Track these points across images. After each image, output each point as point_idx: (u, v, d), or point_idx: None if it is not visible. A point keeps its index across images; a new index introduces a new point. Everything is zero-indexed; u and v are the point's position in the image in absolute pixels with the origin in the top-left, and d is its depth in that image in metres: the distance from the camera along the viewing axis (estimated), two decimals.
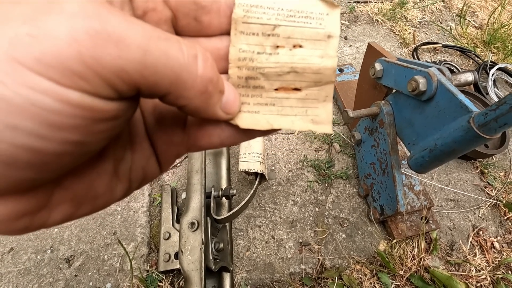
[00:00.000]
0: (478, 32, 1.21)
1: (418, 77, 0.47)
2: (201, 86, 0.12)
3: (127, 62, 0.10)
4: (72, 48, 0.09)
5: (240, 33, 0.15)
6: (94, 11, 0.10)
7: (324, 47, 0.16)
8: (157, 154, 0.18)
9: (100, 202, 0.15)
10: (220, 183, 0.74)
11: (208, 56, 0.13)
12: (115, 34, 0.10)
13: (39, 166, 0.10)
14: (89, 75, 0.10)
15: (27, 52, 0.09)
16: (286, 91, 0.16)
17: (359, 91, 0.74)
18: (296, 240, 0.68)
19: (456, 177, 0.81)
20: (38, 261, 0.63)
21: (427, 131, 0.49)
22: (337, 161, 0.82)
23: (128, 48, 0.10)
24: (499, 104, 0.36)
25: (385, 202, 0.64)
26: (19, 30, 0.09)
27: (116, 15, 0.10)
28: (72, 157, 0.11)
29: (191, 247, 0.55)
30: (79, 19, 0.09)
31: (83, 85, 0.10)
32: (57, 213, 0.13)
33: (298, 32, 0.15)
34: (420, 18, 1.28)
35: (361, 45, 1.14)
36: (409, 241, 0.68)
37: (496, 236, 0.72)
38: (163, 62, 0.11)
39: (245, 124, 0.16)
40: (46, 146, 0.10)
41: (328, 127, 0.17)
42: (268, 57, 0.15)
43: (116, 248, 0.65)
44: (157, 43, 0.11)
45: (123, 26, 0.10)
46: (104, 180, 0.15)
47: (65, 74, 0.09)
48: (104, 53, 0.10)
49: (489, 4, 1.37)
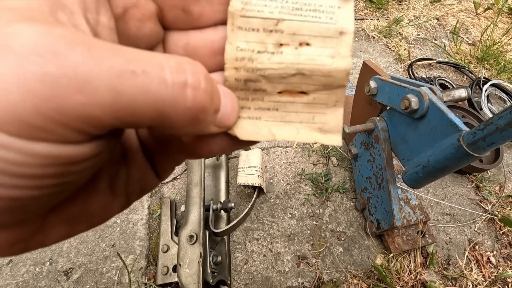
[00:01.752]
0: (471, 49, 1.24)
1: (411, 96, 0.49)
2: (191, 117, 0.11)
3: (95, 107, 0.09)
4: (27, 101, 0.08)
5: (238, 29, 0.13)
6: (49, 48, 0.08)
7: (336, 45, 0.13)
8: (154, 165, 0.17)
9: (96, 219, 0.15)
10: (219, 196, 0.75)
11: (200, 80, 0.11)
12: (78, 78, 0.08)
13: (19, 209, 0.10)
14: (51, 126, 0.09)
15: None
16: (291, 94, 0.14)
17: (355, 107, 0.76)
18: (294, 254, 0.69)
19: (451, 191, 0.82)
20: (37, 273, 0.63)
21: (420, 147, 0.51)
22: (334, 174, 0.83)
23: (96, 92, 0.09)
24: (486, 124, 0.38)
25: (381, 216, 0.65)
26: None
27: (79, 50, 0.09)
28: (55, 196, 0.11)
29: (189, 260, 0.55)
30: (31, 64, 0.08)
31: (46, 136, 0.09)
32: (53, 234, 0.13)
33: (305, 28, 0.13)
34: (415, 35, 1.31)
35: (358, 61, 1.17)
36: (405, 255, 0.68)
37: (492, 250, 0.72)
38: (142, 100, 0.09)
39: (245, 134, 0.14)
40: (20, 194, 0.09)
41: (337, 137, 0.15)
42: (270, 56, 0.13)
43: (115, 261, 0.66)
44: (131, 79, 0.09)
45: (88, 65, 0.09)
46: (99, 198, 0.14)
47: (25, 129, 0.08)
48: (66, 102, 0.08)
49: (481, 21, 1.41)
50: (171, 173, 0.18)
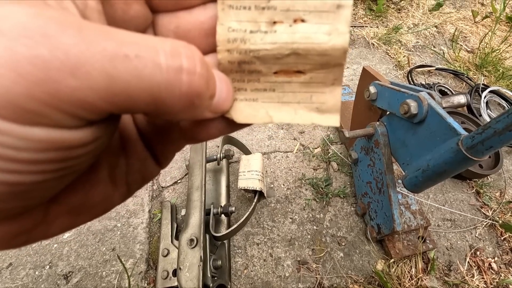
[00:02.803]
0: (470, 56, 1.26)
1: (410, 101, 0.49)
2: (186, 103, 0.11)
3: (88, 92, 0.09)
4: (19, 84, 0.08)
5: (228, 8, 0.13)
6: (39, 30, 0.08)
7: (333, 21, 0.13)
8: (154, 153, 0.16)
9: (98, 210, 0.15)
10: (219, 200, 0.75)
11: (196, 64, 0.11)
12: (70, 61, 0.08)
13: (22, 195, 0.10)
14: (45, 111, 0.08)
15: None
16: (287, 74, 0.14)
17: (355, 112, 0.77)
18: (294, 259, 0.69)
19: (452, 197, 0.82)
20: (36, 277, 0.63)
21: (420, 151, 0.51)
22: (335, 179, 0.83)
23: (88, 76, 0.08)
24: (484, 128, 0.38)
25: (382, 221, 0.65)
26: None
27: (70, 33, 0.08)
28: (56, 181, 0.11)
29: (189, 264, 0.55)
30: (21, 46, 0.08)
31: (41, 120, 0.08)
32: (55, 226, 0.13)
33: (299, 3, 0.12)
34: (414, 42, 1.33)
35: (358, 67, 1.18)
36: (406, 260, 0.68)
37: (494, 256, 0.72)
38: (136, 85, 0.09)
39: (242, 117, 0.14)
40: (23, 179, 0.09)
41: (335, 117, 0.14)
42: (264, 36, 0.13)
43: (115, 265, 0.65)
44: (125, 63, 0.09)
45: (79, 48, 0.08)
46: (100, 188, 0.14)
47: (19, 113, 0.08)
48: (59, 86, 0.08)
49: (480, 29, 1.43)
50: (171, 160, 0.17)
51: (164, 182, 0.80)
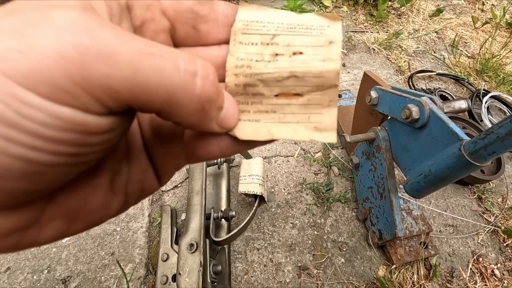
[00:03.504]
0: (470, 62, 1.26)
1: (411, 106, 0.49)
2: (197, 106, 0.12)
3: (116, 80, 0.10)
4: (60, 65, 0.09)
5: (238, 43, 0.15)
6: (84, 25, 0.10)
7: (326, 52, 0.15)
8: (155, 166, 0.17)
9: (94, 218, 0.15)
10: (219, 204, 0.74)
11: (209, 73, 0.12)
12: (105, 51, 0.10)
13: (33, 176, 0.10)
14: (78, 92, 0.09)
15: (16, 68, 0.09)
16: (287, 97, 0.15)
17: (357, 117, 0.77)
18: (295, 264, 0.68)
19: (454, 202, 0.81)
20: (34, 281, 0.62)
21: (421, 157, 0.51)
22: (336, 184, 0.83)
23: (118, 66, 0.10)
24: (487, 134, 0.38)
25: (383, 226, 0.65)
26: (8, 45, 0.09)
27: (108, 29, 0.10)
28: (67, 168, 0.11)
29: (189, 269, 0.55)
30: (68, 35, 0.09)
31: (73, 101, 0.10)
32: (49, 230, 0.13)
33: (298, 40, 0.15)
34: (415, 47, 1.33)
35: (359, 72, 1.18)
36: (408, 266, 0.67)
37: (496, 263, 0.71)
38: (155, 81, 0.10)
39: (245, 135, 0.15)
40: (40, 157, 0.10)
41: (332, 135, 0.16)
42: (267, 64, 0.15)
43: (114, 269, 0.65)
44: (149, 60, 0.10)
45: (114, 41, 0.10)
46: (99, 194, 0.14)
47: (54, 91, 0.09)
48: (93, 71, 0.09)
49: (480, 35, 1.44)
50: (171, 178, 0.18)
51: (164, 186, 0.80)
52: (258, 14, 0.15)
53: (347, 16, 1.51)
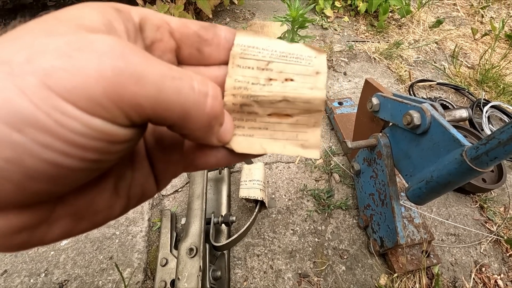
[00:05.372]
0: (470, 72, 1.27)
1: (413, 112, 0.50)
2: (206, 122, 0.14)
3: (143, 98, 0.11)
4: (99, 84, 0.11)
5: (237, 66, 0.17)
6: (120, 51, 0.11)
7: (313, 81, 0.17)
8: (156, 173, 0.18)
9: (99, 218, 0.16)
10: (220, 209, 0.74)
11: (218, 94, 0.14)
12: (136, 73, 0.11)
13: (57, 179, 0.11)
14: (110, 107, 0.11)
15: (60, 83, 0.10)
16: (278, 117, 0.17)
17: (358, 123, 0.77)
18: (295, 271, 0.67)
19: (456, 211, 0.81)
20: (31, 285, 0.62)
21: (423, 163, 0.51)
22: (337, 191, 0.83)
23: (145, 86, 0.11)
24: (488, 139, 0.38)
25: (384, 233, 0.64)
26: (54, 63, 0.10)
27: (138, 55, 0.12)
28: (87, 172, 0.12)
29: (188, 274, 0.54)
30: (107, 59, 0.11)
31: (105, 114, 0.11)
32: (56, 229, 0.14)
33: (289, 68, 0.17)
34: (415, 57, 1.35)
35: (359, 81, 1.19)
36: (410, 275, 0.66)
37: (499, 273, 0.70)
38: (175, 99, 0.12)
39: (240, 148, 0.17)
40: (68, 162, 0.11)
41: (316, 152, 0.18)
42: (262, 87, 0.17)
43: (112, 274, 0.64)
44: (171, 82, 0.12)
45: (143, 66, 0.12)
46: (105, 196, 0.15)
47: (91, 105, 0.11)
48: (125, 90, 0.11)
49: (479, 46, 1.45)
50: (168, 184, 0.20)
51: (165, 191, 0.80)
52: (255, 41, 0.17)
53: (349, 26, 1.53)
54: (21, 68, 0.10)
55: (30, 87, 0.10)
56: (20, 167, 0.10)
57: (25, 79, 0.10)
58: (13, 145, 0.10)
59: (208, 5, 1.30)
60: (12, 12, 1.55)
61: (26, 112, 0.10)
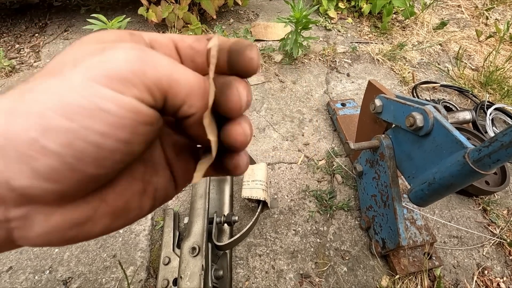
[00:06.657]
0: (474, 74, 1.27)
1: (415, 114, 0.50)
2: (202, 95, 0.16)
3: (161, 74, 0.14)
4: (128, 65, 0.14)
5: None
6: (139, 47, 0.15)
7: None
8: (175, 179, 0.21)
9: (131, 216, 0.18)
10: (222, 209, 0.74)
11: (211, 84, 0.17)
12: (154, 60, 0.15)
13: (100, 161, 0.13)
14: (137, 82, 0.14)
15: (98, 72, 0.13)
16: None
17: (361, 125, 0.77)
18: (297, 272, 0.67)
19: (458, 213, 0.81)
20: (36, 281, 0.62)
21: (425, 164, 0.51)
22: (339, 192, 0.83)
23: (162, 68, 0.15)
24: (491, 141, 0.38)
25: (386, 235, 0.64)
26: (93, 60, 0.14)
27: (153, 51, 0.15)
28: (121, 155, 0.14)
29: (190, 273, 0.54)
30: (131, 51, 0.14)
31: (133, 91, 0.13)
32: (98, 225, 0.16)
33: None
34: (419, 59, 1.35)
35: (363, 82, 1.19)
36: (412, 277, 0.66)
37: (502, 276, 0.70)
38: (183, 79, 0.15)
39: None
40: (106, 143, 0.13)
41: None
42: None
43: (115, 272, 0.65)
44: (179, 67, 0.16)
45: (158, 56, 0.15)
46: (137, 197, 0.18)
47: (122, 83, 0.13)
48: (148, 68, 0.14)
49: (484, 48, 1.45)
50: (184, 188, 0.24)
51: None
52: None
53: (352, 27, 1.53)
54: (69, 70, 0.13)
55: (77, 83, 0.13)
56: (73, 150, 0.12)
57: (72, 78, 0.13)
58: (67, 132, 0.12)
59: (212, 6, 1.30)
60: (18, 12, 1.56)
61: (75, 103, 0.12)
